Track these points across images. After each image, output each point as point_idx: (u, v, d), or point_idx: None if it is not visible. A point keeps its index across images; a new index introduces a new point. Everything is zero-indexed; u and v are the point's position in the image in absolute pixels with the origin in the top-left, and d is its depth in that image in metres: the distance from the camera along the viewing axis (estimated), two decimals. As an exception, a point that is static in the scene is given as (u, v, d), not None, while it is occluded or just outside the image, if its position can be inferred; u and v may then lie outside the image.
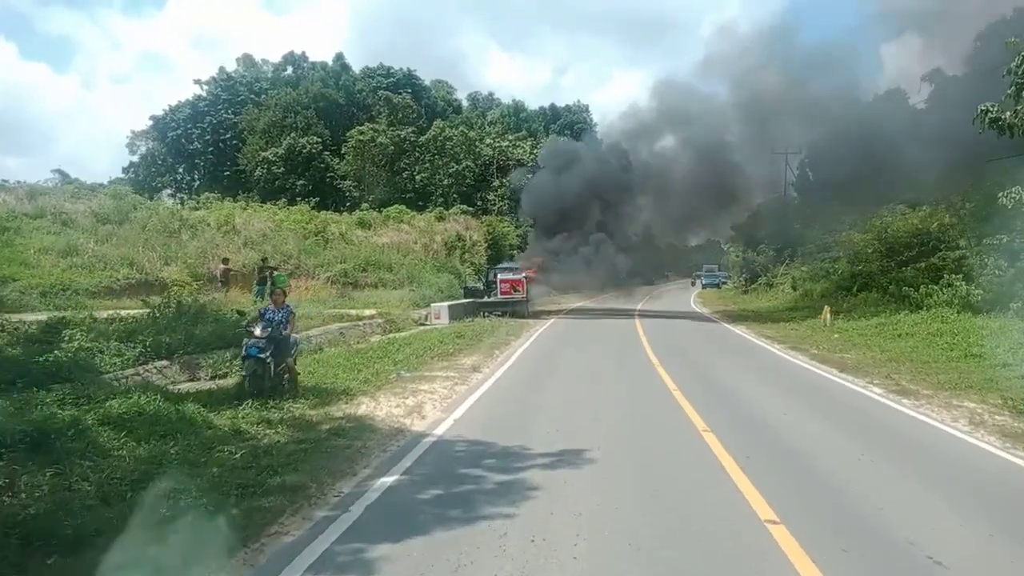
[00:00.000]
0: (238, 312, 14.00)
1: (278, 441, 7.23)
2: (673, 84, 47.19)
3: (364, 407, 9.20)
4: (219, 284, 23.35)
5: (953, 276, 21.73)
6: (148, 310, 16.03)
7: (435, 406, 9.63)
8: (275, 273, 24.35)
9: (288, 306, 10.13)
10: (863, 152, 37.33)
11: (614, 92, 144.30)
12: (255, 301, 21.97)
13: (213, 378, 12.50)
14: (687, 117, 38.36)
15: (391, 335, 20.36)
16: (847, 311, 24.55)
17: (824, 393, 11.08)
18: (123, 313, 16.43)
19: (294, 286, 32.83)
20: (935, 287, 22.32)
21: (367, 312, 23.24)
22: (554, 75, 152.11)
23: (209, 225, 36.55)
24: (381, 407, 9.28)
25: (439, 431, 8.09)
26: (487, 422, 8.56)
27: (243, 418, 7.97)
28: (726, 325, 24.75)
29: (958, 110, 29.93)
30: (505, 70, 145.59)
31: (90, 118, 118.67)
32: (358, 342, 18.26)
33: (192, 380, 12.63)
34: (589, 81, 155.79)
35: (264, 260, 23.57)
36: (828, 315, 22.90)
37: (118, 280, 24.38)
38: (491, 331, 20.37)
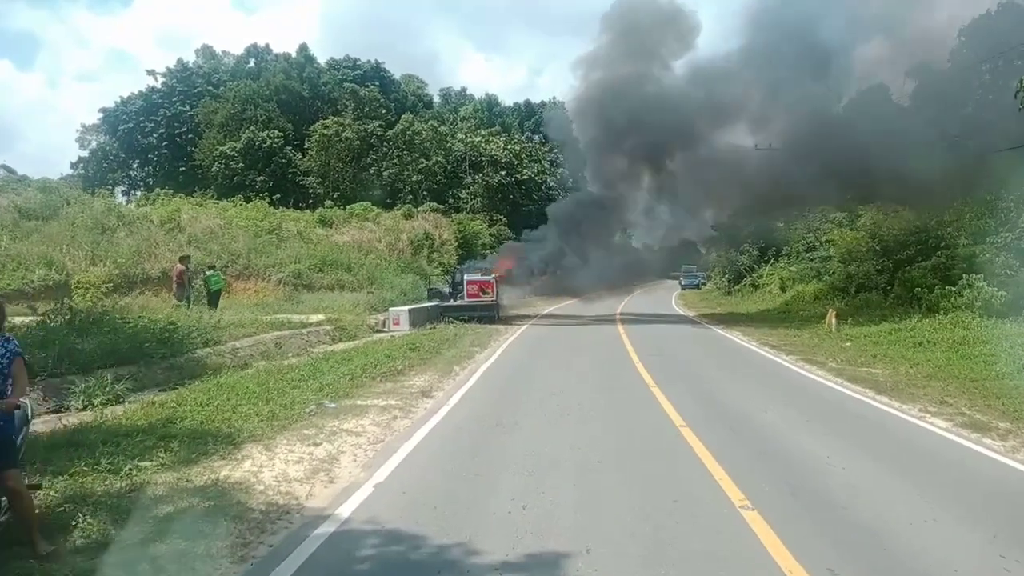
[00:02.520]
0: None
1: (69, 544, 4.43)
2: None
3: (248, 464, 6.40)
4: (176, 287, 20.37)
5: (974, 276, 19.40)
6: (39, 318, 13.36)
7: (355, 459, 6.86)
8: (209, 272, 21.39)
9: (10, 339, 4.61)
10: (845, 146, 35.44)
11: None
12: (177, 306, 19.06)
13: (85, 407, 9.66)
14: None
15: (339, 345, 17.59)
16: (849, 315, 22.21)
17: (876, 429, 8.48)
18: (17, 321, 13.58)
19: (241, 288, 29.93)
20: (952, 288, 20.02)
21: (314, 318, 20.43)
22: (530, 76, 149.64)
23: (152, 222, 33.53)
24: (274, 463, 6.49)
25: (346, 510, 5.32)
26: (422, 492, 5.81)
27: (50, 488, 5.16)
28: (718, 331, 22.23)
29: (944, 104, 28.27)
30: (480, 71, 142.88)
31: (56, 116, 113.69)
32: (297, 354, 15.50)
33: (58, 411, 9.77)
34: (566, 82, 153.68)
35: (185, 259, 20.58)
36: (833, 320, 20.51)
37: (31, 282, 21.57)
38: (454, 340, 17.60)
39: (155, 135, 61.29)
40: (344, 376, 11.09)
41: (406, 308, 22.57)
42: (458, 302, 24.19)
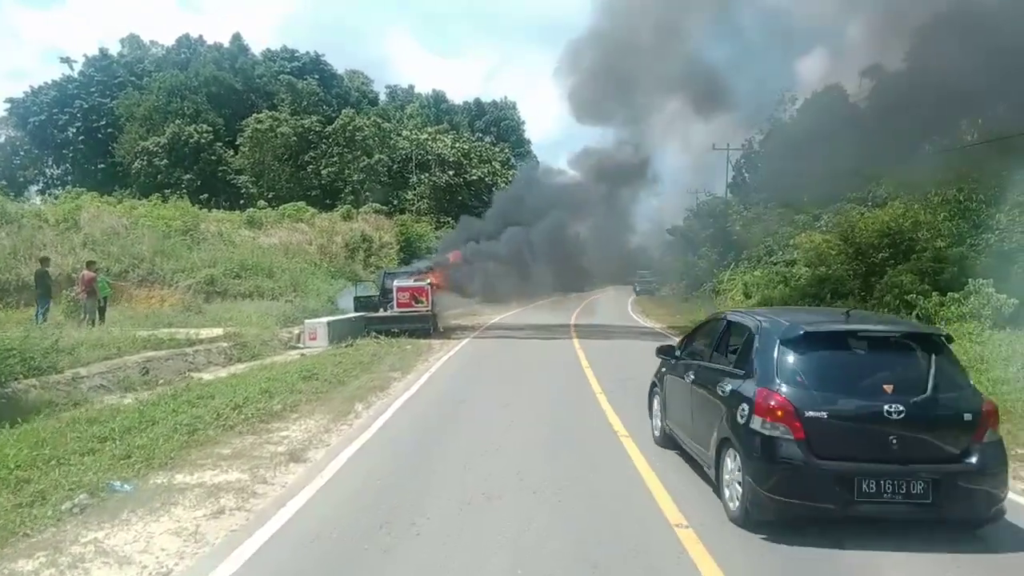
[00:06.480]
0: None
1: None
2: None
3: None
4: (83, 296, 16.79)
5: (981, 282, 16.95)
6: None
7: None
8: (97, 278, 17.68)
9: None
10: (802, 150, 34.12)
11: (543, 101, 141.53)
12: (38, 323, 15.36)
13: None
14: None
15: (233, 367, 14.16)
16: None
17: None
18: None
19: (143, 296, 26.16)
20: (955, 295, 17.55)
21: (210, 333, 16.85)
22: (484, 81, 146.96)
23: (47, 222, 29.43)
24: None
25: None
26: None
27: None
28: (688, 345, 19.32)
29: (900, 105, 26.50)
30: (433, 76, 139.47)
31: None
32: (169, 381, 12.02)
33: None
34: (521, 88, 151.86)
35: (43, 262, 16.81)
36: (819, 332, 17.79)
37: None
38: (370, 362, 14.18)
39: (71, 129, 56.03)
40: (182, 427, 7.64)
41: (324, 320, 19.11)
42: (387, 312, 20.68)
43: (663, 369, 7.73)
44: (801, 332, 5.32)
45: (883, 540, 4.84)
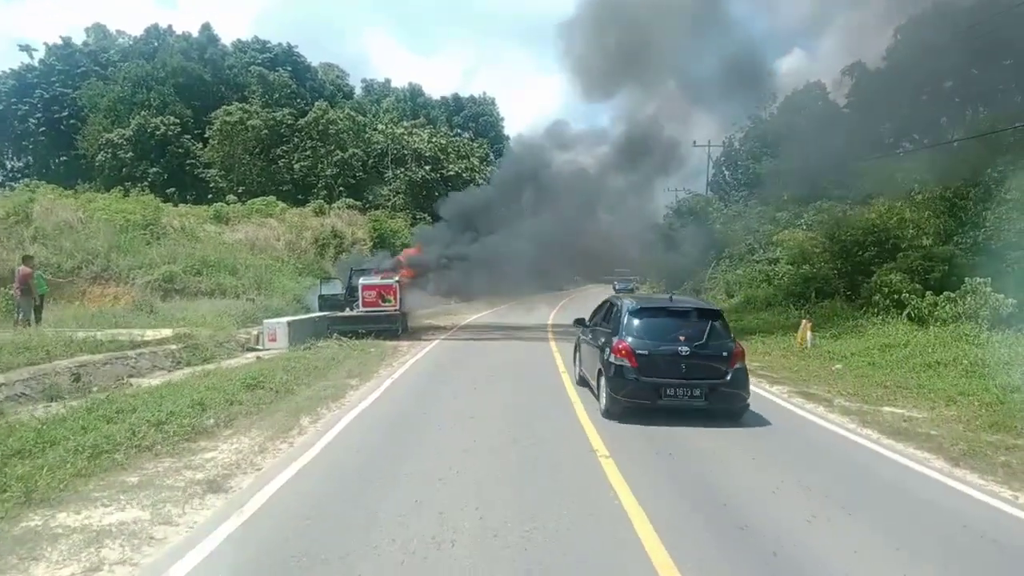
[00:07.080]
0: None
1: None
2: None
3: None
4: (17, 293, 15.44)
5: (979, 281, 16.16)
6: None
7: None
8: (34, 275, 16.32)
9: None
10: (784, 148, 33.64)
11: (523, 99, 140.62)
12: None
13: None
14: None
15: (176, 373, 12.88)
16: (818, 325, 18.77)
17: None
18: None
19: (96, 294, 24.80)
20: (951, 294, 16.77)
21: (158, 334, 15.56)
22: (464, 78, 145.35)
23: (-3, 216, 27.87)
24: None
25: None
26: None
27: None
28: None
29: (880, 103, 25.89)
30: (412, 73, 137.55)
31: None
32: (102, 389, 10.83)
33: None
34: (500, 86, 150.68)
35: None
36: (808, 334, 16.96)
37: None
38: (327, 367, 12.96)
39: (31, 119, 53.92)
40: (84, 449, 6.45)
41: (285, 320, 17.86)
42: (352, 312, 19.40)
43: (580, 335, 11.75)
44: (639, 307, 9.33)
45: (681, 421, 8.57)
